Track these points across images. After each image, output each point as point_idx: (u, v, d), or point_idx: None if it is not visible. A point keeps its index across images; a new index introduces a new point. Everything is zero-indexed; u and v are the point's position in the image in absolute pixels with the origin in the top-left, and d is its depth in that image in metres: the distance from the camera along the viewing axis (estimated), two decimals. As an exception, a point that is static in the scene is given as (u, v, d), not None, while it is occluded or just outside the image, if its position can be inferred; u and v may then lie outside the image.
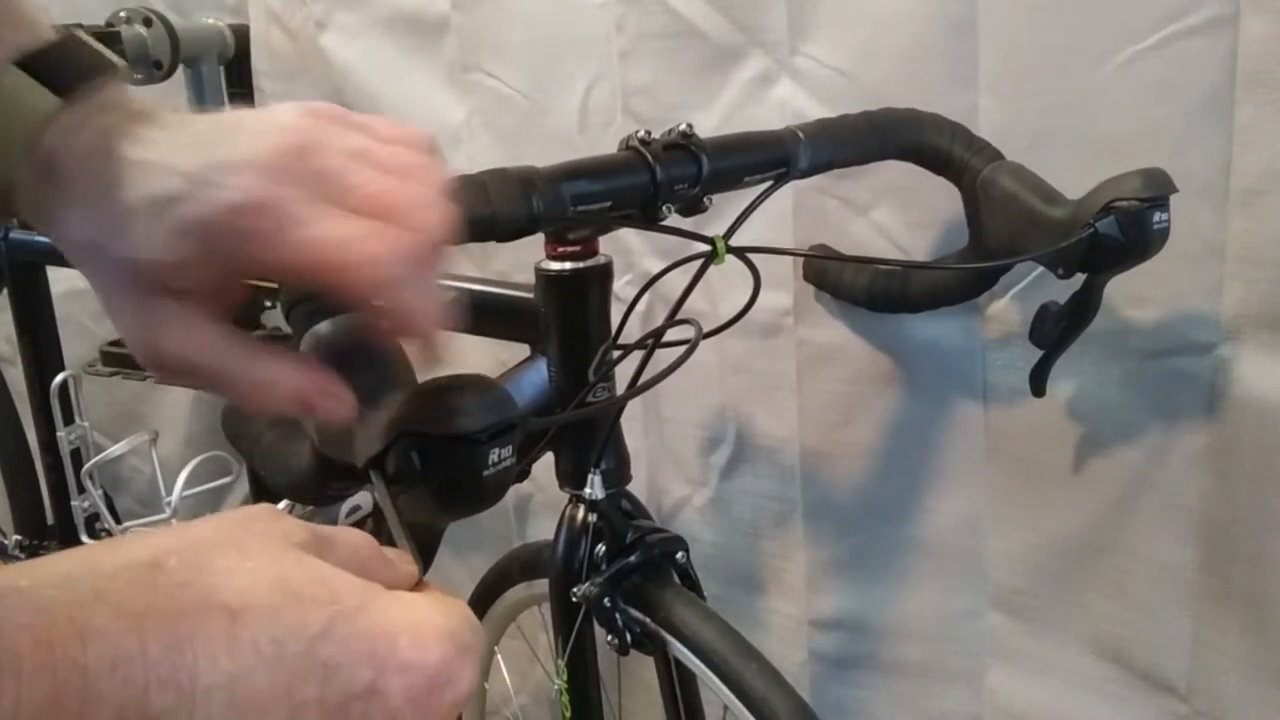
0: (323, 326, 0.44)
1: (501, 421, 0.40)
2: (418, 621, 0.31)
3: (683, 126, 0.68)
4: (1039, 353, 0.82)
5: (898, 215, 0.92)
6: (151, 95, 0.64)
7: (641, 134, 0.66)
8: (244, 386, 0.41)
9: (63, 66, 0.40)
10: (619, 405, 0.73)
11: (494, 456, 0.40)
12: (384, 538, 0.41)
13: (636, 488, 0.80)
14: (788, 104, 0.94)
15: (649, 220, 0.67)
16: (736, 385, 1.05)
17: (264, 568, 0.30)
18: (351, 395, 0.41)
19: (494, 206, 0.59)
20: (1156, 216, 0.72)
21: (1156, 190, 0.72)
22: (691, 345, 0.56)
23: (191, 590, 0.28)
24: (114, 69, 0.41)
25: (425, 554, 0.45)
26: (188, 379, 0.41)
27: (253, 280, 0.41)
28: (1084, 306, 0.78)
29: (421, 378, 0.45)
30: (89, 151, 0.39)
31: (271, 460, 0.59)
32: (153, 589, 0.28)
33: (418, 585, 0.36)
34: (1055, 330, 0.79)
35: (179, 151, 0.39)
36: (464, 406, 0.40)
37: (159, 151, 0.39)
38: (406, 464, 0.40)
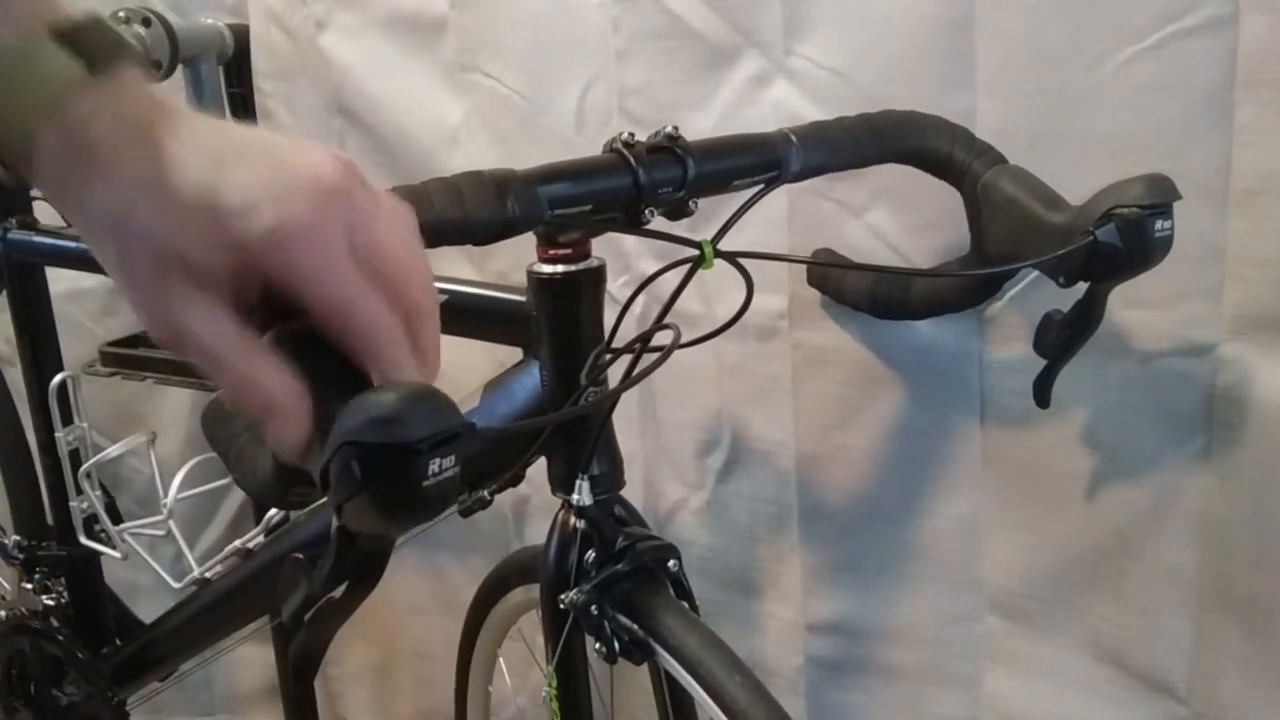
0: (291, 325, 0.43)
1: (442, 431, 0.40)
2: None
3: (669, 128, 0.67)
4: (1037, 354, 0.81)
5: (895, 218, 0.91)
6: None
7: (625, 136, 0.65)
8: (232, 376, 0.42)
9: (90, 42, 0.41)
10: (588, 411, 0.72)
11: (434, 467, 0.39)
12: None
13: (633, 490, 0.79)
14: (783, 105, 0.93)
15: (631, 224, 0.66)
16: (732, 388, 1.04)
17: None
18: (308, 427, 0.42)
19: (466, 209, 0.58)
20: (1158, 224, 0.70)
21: (1159, 197, 0.70)
22: (665, 352, 0.56)
23: None
24: (136, 53, 0.43)
25: (376, 565, 0.45)
26: (191, 357, 0.43)
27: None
28: (1087, 315, 0.76)
29: None
30: (119, 126, 0.41)
31: (242, 464, 0.58)
32: None
33: None
34: (1059, 339, 0.78)
35: (227, 157, 0.41)
36: (403, 416, 0.39)
37: (203, 151, 0.41)
38: (347, 473, 0.39)
